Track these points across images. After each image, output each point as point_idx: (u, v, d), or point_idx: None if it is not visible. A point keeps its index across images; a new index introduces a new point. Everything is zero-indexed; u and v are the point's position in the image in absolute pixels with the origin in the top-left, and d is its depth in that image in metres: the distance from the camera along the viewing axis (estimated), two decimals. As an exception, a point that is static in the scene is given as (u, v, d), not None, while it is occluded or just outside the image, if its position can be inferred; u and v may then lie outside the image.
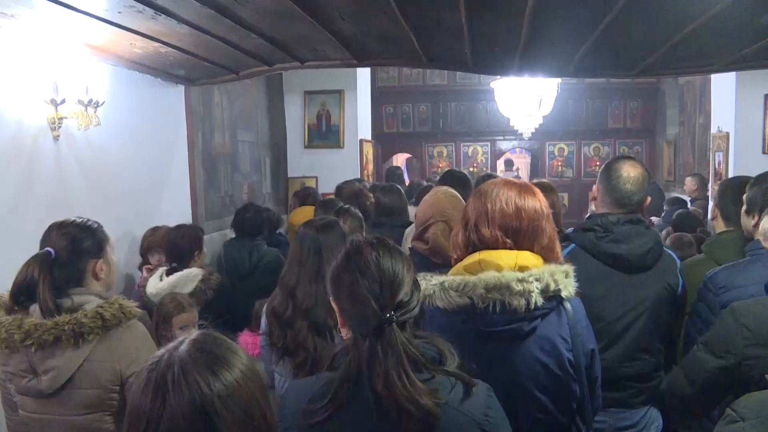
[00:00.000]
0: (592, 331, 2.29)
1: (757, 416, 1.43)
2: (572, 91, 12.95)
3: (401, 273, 1.72)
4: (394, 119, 13.98)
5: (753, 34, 3.71)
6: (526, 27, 3.53)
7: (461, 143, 14.11)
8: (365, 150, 8.95)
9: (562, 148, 13.88)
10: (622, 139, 13.78)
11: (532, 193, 2.20)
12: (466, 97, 13.69)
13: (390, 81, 13.67)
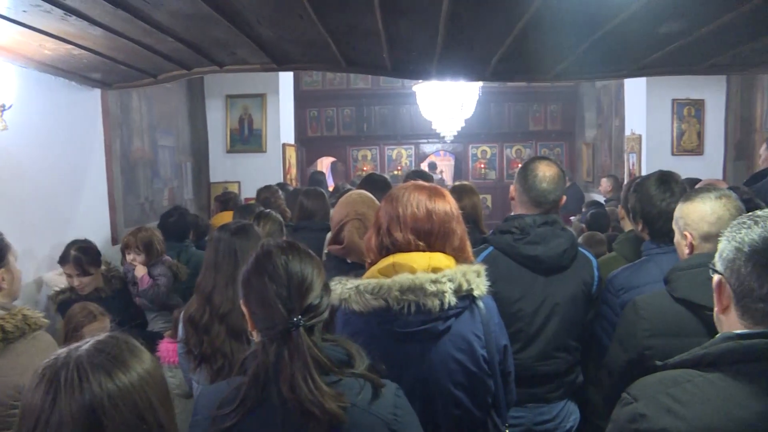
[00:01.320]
0: (504, 328, 2.36)
1: (647, 396, 1.50)
2: (494, 95, 13.18)
3: (310, 277, 1.74)
4: (319, 123, 13.93)
5: (656, 42, 3.87)
6: (443, 32, 3.59)
7: (385, 146, 14.17)
8: (288, 154, 8.92)
9: (485, 150, 14.11)
10: (543, 141, 14.09)
11: (442, 196, 2.24)
12: (389, 101, 13.75)
13: (314, 85, 13.62)
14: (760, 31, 3.69)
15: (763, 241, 1.46)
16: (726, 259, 1.53)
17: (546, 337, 2.84)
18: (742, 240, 1.49)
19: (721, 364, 1.48)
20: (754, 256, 1.47)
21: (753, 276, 1.46)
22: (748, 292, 1.48)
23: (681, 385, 1.48)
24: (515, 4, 3.12)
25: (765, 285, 1.45)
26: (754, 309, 1.47)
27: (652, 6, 3.07)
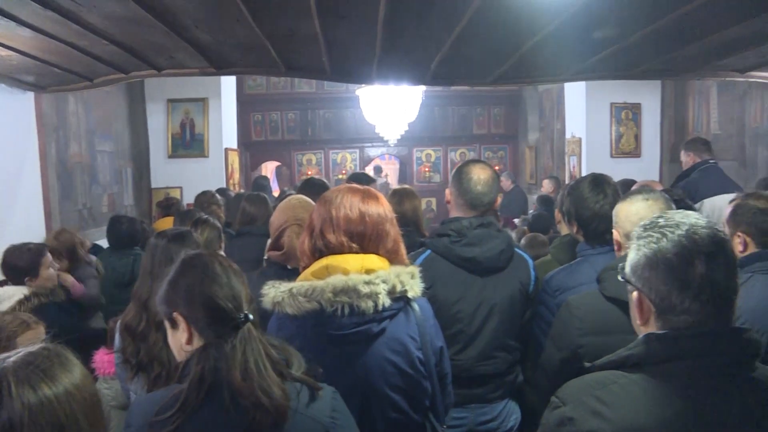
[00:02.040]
0: (440, 330, 2.36)
1: (575, 400, 1.52)
2: (438, 99, 13.27)
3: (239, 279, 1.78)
4: (263, 127, 13.83)
5: (591, 47, 3.95)
6: (381, 36, 3.60)
7: (330, 150, 14.15)
8: (231, 159, 8.83)
9: (430, 154, 14.20)
10: (486, 144, 14.25)
11: (375, 199, 2.25)
12: (334, 105, 13.73)
13: (258, 88, 13.51)
14: (688, 39, 3.81)
15: (676, 255, 1.50)
16: (640, 274, 1.56)
17: (485, 337, 2.87)
18: (654, 254, 1.53)
19: (644, 364, 1.51)
20: (668, 271, 1.50)
21: (673, 292, 1.50)
22: (669, 308, 1.52)
23: (607, 387, 1.50)
24: (452, 9, 3.15)
25: (686, 299, 1.49)
26: (676, 321, 1.51)
27: (586, 12, 3.14)
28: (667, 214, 1.60)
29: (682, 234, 1.51)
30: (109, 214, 6.94)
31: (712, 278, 1.48)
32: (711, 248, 1.50)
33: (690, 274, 1.48)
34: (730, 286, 1.52)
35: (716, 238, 1.52)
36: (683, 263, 1.49)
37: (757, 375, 1.51)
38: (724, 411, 1.45)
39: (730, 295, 1.53)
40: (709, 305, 1.49)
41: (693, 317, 1.49)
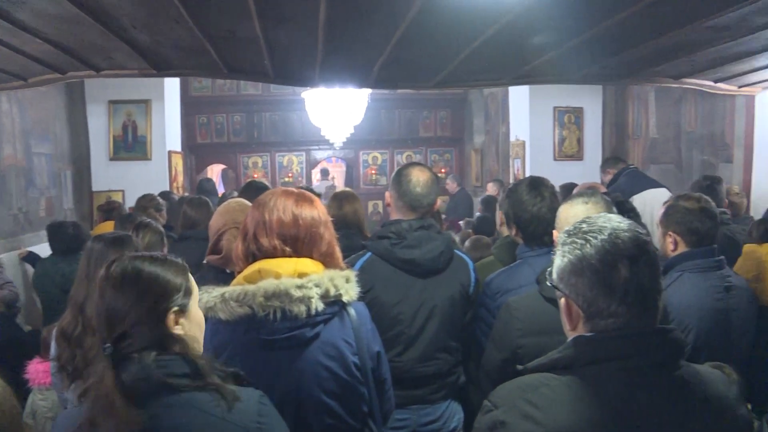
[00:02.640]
0: (378, 335, 2.36)
1: (507, 403, 1.53)
2: (384, 101, 13.28)
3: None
4: (208, 129, 13.64)
5: (531, 52, 4.01)
6: (322, 39, 3.58)
7: (276, 153, 14.02)
8: (174, 162, 8.70)
9: (376, 156, 14.20)
10: (433, 147, 14.32)
11: (309, 202, 2.23)
12: (280, 107, 13.61)
13: (203, 90, 13.32)
14: (624, 46, 3.89)
15: (600, 261, 1.52)
16: (566, 281, 1.59)
17: (426, 338, 2.89)
18: (579, 261, 1.55)
19: (574, 366, 1.53)
20: (593, 276, 1.53)
21: (599, 297, 1.53)
22: (596, 313, 1.54)
23: (538, 390, 1.51)
24: (391, 14, 3.15)
25: (612, 303, 1.52)
26: (604, 324, 1.54)
27: (524, 18, 3.17)
28: (590, 218, 1.63)
29: (604, 239, 1.54)
30: (48, 218, 6.78)
31: (637, 281, 1.51)
32: (633, 251, 1.52)
33: (614, 279, 1.51)
34: (654, 287, 1.55)
35: (638, 241, 1.55)
36: (607, 268, 1.52)
37: (681, 373, 1.54)
38: (651, 409, 1.48)
39: (654, 296, 1.56)
40: (635, 307, 1.52)
41: (620, 320, 1.52)
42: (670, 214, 3.09)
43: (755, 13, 3.14)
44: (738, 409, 1.59)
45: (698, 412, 1.52)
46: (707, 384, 1.57)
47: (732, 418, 1.56)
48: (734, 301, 3.02)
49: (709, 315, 2.93)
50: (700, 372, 1.59)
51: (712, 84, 5.35)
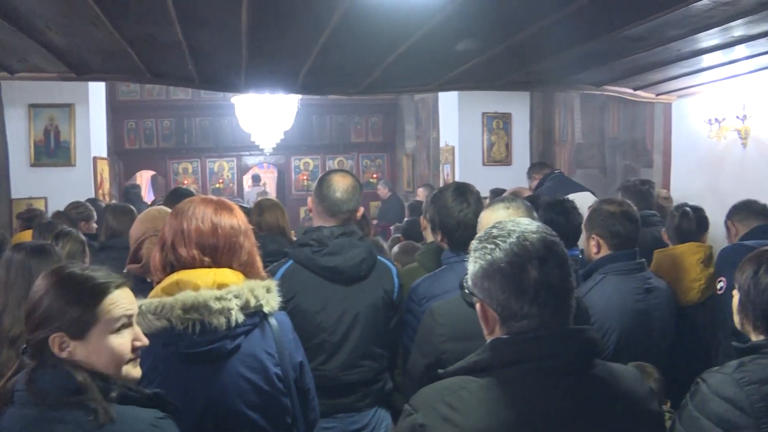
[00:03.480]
0: (300, 344, 2.33)
1: (426, 407, 1.53)
2: (316, 107, 13.26)
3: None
4: (137, 135, 13.37)
5: (455, 58, 4.05)
6: (246, 45, 3.55)
7: (207, 159, 13.83)
8: (100, 168, 8.47)
9: (308, 162, 14.15)
10: (364, 153, 14.35)
11: (228, 210, 2.19)
12: (210, 112, 13.43)
13: (131, 95, 13.04)
14: (544, 53, 3.98)
15: (509, 264, 1.55)
16: (480, 285, 1.61)
17: (350, 346, 2.87)
18: (490, 265, 1.57)
19: (491, 369, 1.54)
20: (504, 279, 1.55)
21: (511, 299, 1.55)
22: (510, 315, 1.56)
23: (457, 393, 1.52)
24: (315, 19, 3.14)
25: (524, 305, 1.54)
26: (518, 326, 1.55)
27: (447, 25, 3.20)
28: (500, 223, 1.65)
29: (513, 242, 1.56)
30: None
31: (547, 281, 1.54)
32: (542, 252, 1.55)
33: (524, 280, 1.53)
34: (565, 287, 1.59)
35: (546, 242, 1.58)
36: (517, 270, 1.54)
37: (596, 372, 1.58)
38: (566, 408, 1.51)
39: (566, 296, 1.59)
40: (547, 307, 1.55)
41: (533, 321, 1.54)
42: (593, 218, 3.17)
43: (666, 25, 3.25)
44: (649, 405, 1.64)
45: (611, 409, 1.56)
46: (621, 381, 1.61)
47: (643, 414, 1.61)
48: (655, 302, 3.11)
49: (630, 316, 3.01)
50: (614, 370, 1.63)
51: (631, 92, 5.52)
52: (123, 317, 1.71)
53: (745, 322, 2.09)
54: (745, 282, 2.07)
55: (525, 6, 2.95)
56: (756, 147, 5.18)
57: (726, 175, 5.31)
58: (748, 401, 1.83)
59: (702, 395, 1.92)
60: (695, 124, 5.80)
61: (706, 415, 1.87)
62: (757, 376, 1.87)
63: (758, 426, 1.81)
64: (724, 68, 4.50)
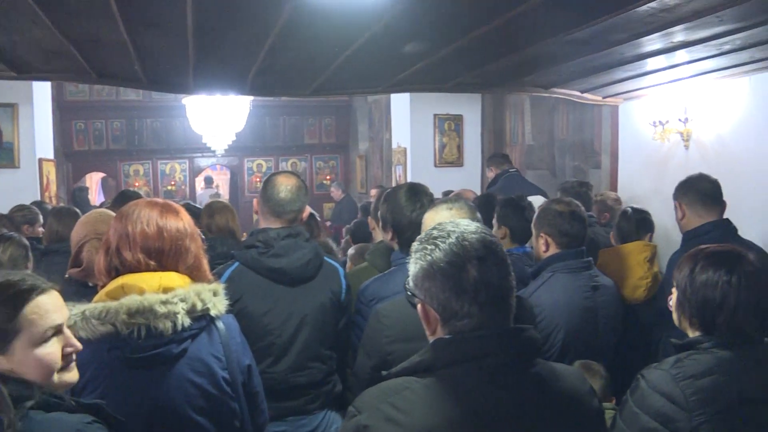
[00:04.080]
0: (248, 347, 2.32)
1: (370, 408, 1.55)
2: (269, 108, 13.20)
3: None
4: (86, 136, 13.13)
5: (403, 60, 4.07)
6: (193, 45, 3.50)
7: (158, 161, 13.66)
8: (46, 170, 8.27)
9: (261, 164, 14.07)
10: (318, 154, 14.34)
11: (174, 213, 2.17)
12: (162, 113, 13.27)
13: (80, 95, 12.80)
14: (492, 56, 4.01)
15: (449, 264, 1.57)
16: (421, 286, 1.63)
17: (298, 348, 2.88)
18: (430, 266, 1.60)
19: (434, 369, 1.57)
20: (444, 279, 1.57)
21: (452, 299, 1.57)
22: (451, 315, 1.58)
23: (400, 393, 1.54)
24: (261, 21, 3.12)
25: (464, 304, 1.56)
26: (460, 326, 1.58)
27: (393, 28, 3.22)
28: (440, 224, 1.68)
29: (452, 242, 1.59)
30: None
31: (486, 280, 1.57)
32: (481, 252, 1.58)
33: (464, 280, 1.56)
34: (505, 286, 1.61)
35: (485, 242, 1.61)
36: (456, 270, 1.57)
37: (536, 370, 1.61)
38: (508, 406, 1.53)
39: (506, 295, 1.62)
40: (488, 306, 1.57)
41: (474, 320, 1.57)
42: (542, 217, 3.23)
43: (609, 29, 3.31)
44: (590, 401, 1.68)
45: (552, 406, 1.59)
46: (561, 379, 1.65)
47: (584, 411, 1.65)
48: (602, 299, 3.18)
49: (578, 313, 3.08)
50: (554, 368, 1.67)
51: (579, 94, 5.61)
52: (49, 326, 1.65)
53: (683, 319, 2.17)
54: (682, 280, 2.14)
55: (470, 9, 2.97)
56: (697, 149, 5.32)
57: (670, 176, 5.41)
58: (683, 395, 1.90)
59: (641, 391, 1.99)
60: (641, 127, 5.92)
61: (645, 410, 1.94)
62: (692, 371, 1.95)
63: (691, 419, 1.88)
64: (666, 72, 4.60)
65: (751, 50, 3.82)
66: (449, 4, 2.89)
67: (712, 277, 2.06)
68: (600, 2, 2.92)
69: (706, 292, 2.06)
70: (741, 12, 3.02)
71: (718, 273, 2.05)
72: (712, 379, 1.93)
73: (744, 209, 4.03)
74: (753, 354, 2.03)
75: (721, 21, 3.15)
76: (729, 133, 5.04)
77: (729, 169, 3.98)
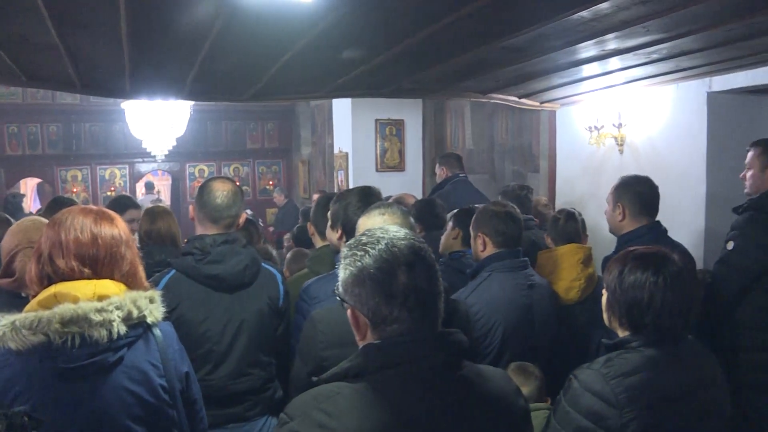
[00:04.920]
0: (186, 354, 2.30)
1: (301, 414, 1.56)
2: (211, 113, 13.06)
3: None
4: (20, 140, 12.76)
5: (342, 66, 4.08)
6: (128, 50, 3.44)
7: (97, 166, 13.35)
8: (-24, 176, 8.04)
9: (203, 169, 13.89)
10: (260, 159, 14.23)
11: (109, 220, 2.14)
12: (101, 118, 12.97)
13: (12, 97, 12.41)
14: (428, 62, 4.06)
15: (378, 269, 1.59)
16: (351, 291, 1.65)
17: (236, 354, 2.87)
18: (360, 272, 1.62)
19: (364, 373, 1.59)
20: (374, 285, 1.60)
21: (381, 304, 1.59)
22: (381, 320, 1.61)
23: (331, 399, 1.55)
24: (196, 27, 3.08)
25: (393, 309, 1.59)
26: (390, 330, 1.60)
27: (329, 34, 3.23)
28: (369, 231, 1.70)
29: (382, 248, 1.61)
30: None
31: (415, 286, 1.59)
32: (410, 258, 1.61)
33: (394, 285, 1.58)
34: (433, 291, 1.64)
35: (414, 248, 1.64)
36: (386, 276, 1.59)
37: (464, 373, 1.64)
38: (436, 409, 1.56)
39: (434, 300, 1.65)
40: (416, 311, 1.60)
41: (403, 325, 1.59)
42: (480, 218, 3.33)
43: (543, 37, 3.39)
44: (516, 401, 1.72)
45: (479, 408, 1.63)
46: (488, 381, 1.69)
47: (510, 410, 1.69)
48: (537, 297, 3.29)
49: (515, 310, 3.17)
50: (481, 370, 1.71)
51: (516, 99, 5.71)
52: None
53: (612, 319, 2.24)
54: (612, 282, 2.21)
55: (405, 17, 3.01)
56: (631, 153, 5.48)
57: (606, 180, 5.57)
58: (613, 393, 1.97)
59: (573, 390, 2.05)
60: (577, 131, 6.07)
61: (577, 410, 2.00)
62: (621, 369, 2.02)
63: (621, 415, 1.94)
64: (601, 79, 4.73)
65: (676, 59, 3.97)
66: (384, 12, 2.92)
67: (639, 278, 2.13)
68: (533, 10, 2.99)
69: (634, 293, 2.13)
70: (665, 23, 3.14)
71: (646, 274, 2.12)
72: (640, 377, 2.00)
73: (672, 211, 4.17)
74: (678, 352, 2.11)
75: (648, 31, 3.27)
76: (659, 138, 5.22)
77: (660, 173, 4.12)
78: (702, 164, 4.87)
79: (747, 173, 3.80)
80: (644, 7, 2.86)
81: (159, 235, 4.09)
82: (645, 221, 3.63)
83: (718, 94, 4.82)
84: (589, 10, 2.87)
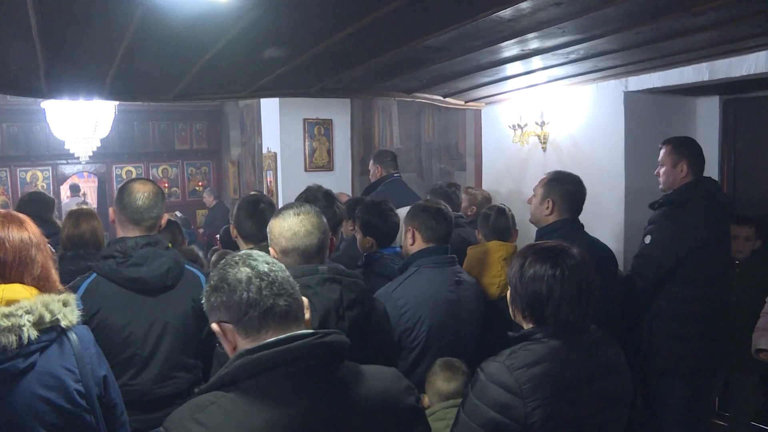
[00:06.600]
0: (104, 358, 2.27)
1: (176, 425, 1.58)
2: (137, 113, 12.79)
3: None
4: (-68, 142, 12.24)
5: (264, 66, 4.06)
6: (40, 47, 3.32)
7: (18, 168, 12.88)
8: None
9: (130, 171, 13.56)
10: (189, 160, 14.01)
11: (18, 223, 2.10)
12: (20, 118, 12.49)
13: None
14: (350, 61, 4.08)
15: (247, 279, 1.68)
16: (215, 300, 1.73)
17: (161, 358, 2.85)
18: (223, 278, 1.71)
19: (238, 381, 1.59)
20: (230, 296, 1.68)
21: (246, 313, 1.67)
22: (251, 328, 1.67)
23: (206, 409, 1.56)
24: (113, 24, 3.00)
25: (254, 317, 1.65)
26: (264, 336, 1.65)
27: (249, 34, 3.20)
28: (232, 255, 1.79)
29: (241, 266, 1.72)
30: None
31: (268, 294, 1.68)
32: (261, 269, 1.70)
33: (249, 294, 1.67)
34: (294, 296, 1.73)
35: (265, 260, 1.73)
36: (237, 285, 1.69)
37: (343, 374, 1.68)
38: (314, 411, 1.59)
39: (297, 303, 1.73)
40: (282, 316, 1.67)
41: (272, 330, 1.65)
42: (411, 213, 3.42)
43: (464, 37, 3.44)
44: (403, 400, 1.77)
45: (359, 408, 1.66)
46: (370, 381, 1.72)
47: (396, 410, 1.74)
48: (464, 294, 3.35)
49: (442, 305, 3.24)
50: (362, 370, 1.74)
51: (441, 98, 5.77)
52: None
53: (516, 312, 2.32)
54: (513, 276, 2.29)
55: (324, 16, 3.01)
56: (553, 151, 5.61)
57: (530, 178, 5.69)
58: (517, 384, 2.03)
59: (480, 383, 2.10)
60: (502, 130, 6.18)
61: (484, 402, 2.05)
62: (525, 360, 2.09)
63: (525, 405, 2.00)
64: (523, 78, 4.82)
65: (594, 60, 4.09)
66: (303, 11, 2.91)
67: (538, 272, 2.20)
68: (450, 10, 3.03)
69: (534, 286, 2.20)
70: (580, 25, 3.23)
71: (544, 267, 2.19)
72: (542, 367, 2.07)
73: (594, 206, 4.29)
74: (580, 341, 2.19)
75: (564, 32, 3.36)
76: (580, 135, 5.37)
77: (581, 169, 4.22)
78: (620, 161, 5.03)
79: (660, 170, 3.96)
80: (559, 8, 2.94)
81: (83, 240, 4.00)
82: (568, 217, 3.75)
83: (634, 94, 4.99)
84: (508, 9, 2.93)
